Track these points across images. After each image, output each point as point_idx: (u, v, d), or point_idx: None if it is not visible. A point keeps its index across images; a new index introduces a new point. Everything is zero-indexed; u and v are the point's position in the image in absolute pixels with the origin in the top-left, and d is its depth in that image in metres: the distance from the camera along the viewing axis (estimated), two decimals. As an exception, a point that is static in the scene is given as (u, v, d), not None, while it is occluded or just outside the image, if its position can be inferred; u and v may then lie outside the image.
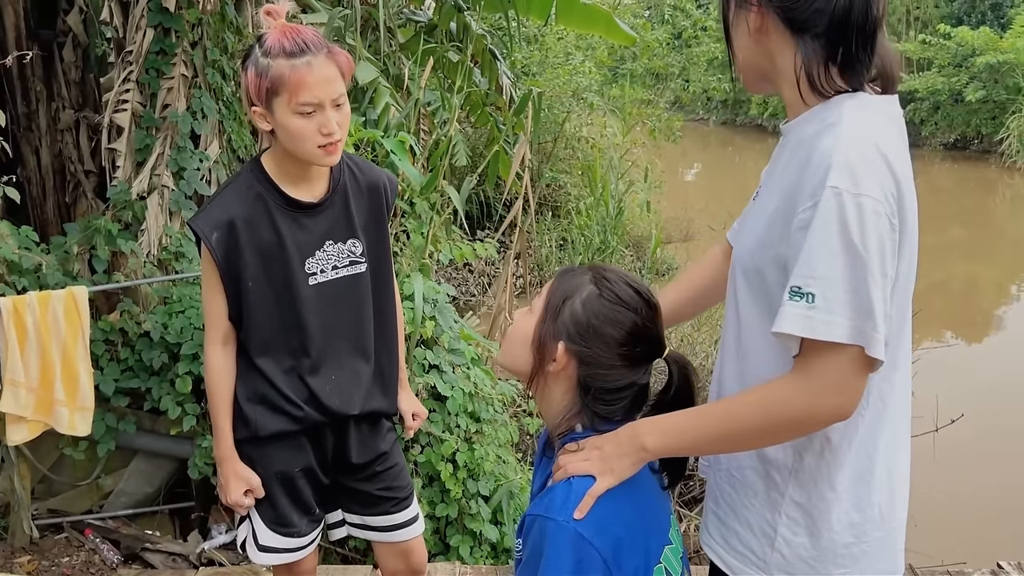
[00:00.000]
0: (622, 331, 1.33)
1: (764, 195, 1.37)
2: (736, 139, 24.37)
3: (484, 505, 2.82)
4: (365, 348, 2.01)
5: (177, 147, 3.27)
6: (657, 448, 1.30)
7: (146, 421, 3.15)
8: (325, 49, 1.75)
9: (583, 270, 1.40)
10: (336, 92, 1.76)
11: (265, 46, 1.73)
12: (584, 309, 1.33)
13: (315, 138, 1.76)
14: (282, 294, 1.90)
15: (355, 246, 1.98)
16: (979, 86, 17.66)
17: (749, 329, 1.35)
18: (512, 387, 3.28)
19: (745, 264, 1.34)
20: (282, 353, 1.93)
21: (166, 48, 3.24)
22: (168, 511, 3.33)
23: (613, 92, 9.74)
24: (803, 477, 1.33)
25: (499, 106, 4.72)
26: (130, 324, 2.97)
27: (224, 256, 1.84)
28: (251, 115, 1.80)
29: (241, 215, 1.84)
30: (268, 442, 1.96)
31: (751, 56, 1.37)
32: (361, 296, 2.00)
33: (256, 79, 1.73)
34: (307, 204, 1.90)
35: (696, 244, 8.88)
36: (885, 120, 1.29)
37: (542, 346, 1.34)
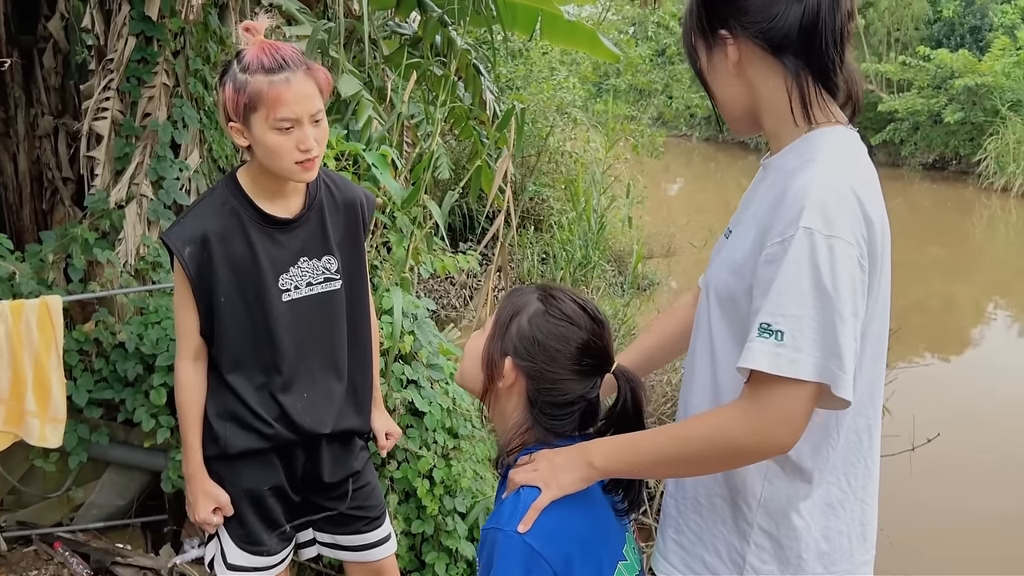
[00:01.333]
0: (568, 346, 1.35)
1: (743, 226, 1.37)
2: (719, 155, 24.54)
3: (461, 522, 2.80)
4: (338, 366, 2.00)
5: (157, 156, 3.24)
6: (604, 466, 1.31)
7: (119, 432, 3.11)
8: (304, 65, 1.75)
9: (531, 288, 1.43)
10: (314, 108, 1.76)
11: (243, 61, 1.73)
12: (530, 325, 1.36)
13: (292, 154, 1.76)
14: (255, 310, 1.89)
15: (330, 263, 1.96)
16: (957, 108, 17.90)
17: (722, 357, 1.35)
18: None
19: (720, 292, 1.35)
20: (254, 370, 1.91)
21: (148, 57, 3.22)
22: (140, 524, 3.28)
23: (597, 107, 9.79)
24: (772, 506, 1.33)
25: (483, 120, 4.73)
26: (105, 334, 2.93)
27: (196, 271, 1.83)
28: (228, 131, 1.80)
29: (215, 230, 1.83)
30: (238, 459, 1.94)
31: (735, 94, 1.36)
32: (335, 313, 1.99)
33: (234, 94, 1.73)
34: (282, 220, 1.89)
35: (677, 260, 8.92)
36: (862, 158, 1.30)
37: (491, 362, 1.37)
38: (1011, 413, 5.95)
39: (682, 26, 1.43)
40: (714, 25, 1.33)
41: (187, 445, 1.94)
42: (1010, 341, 8.37)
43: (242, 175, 1.90)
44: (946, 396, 6.18)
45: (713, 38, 1.33)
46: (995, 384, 6.66)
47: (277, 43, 1.77)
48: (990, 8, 20.40)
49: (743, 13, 1.29)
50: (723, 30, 1.31)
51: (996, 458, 5.30)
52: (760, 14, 1.28)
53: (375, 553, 2.14)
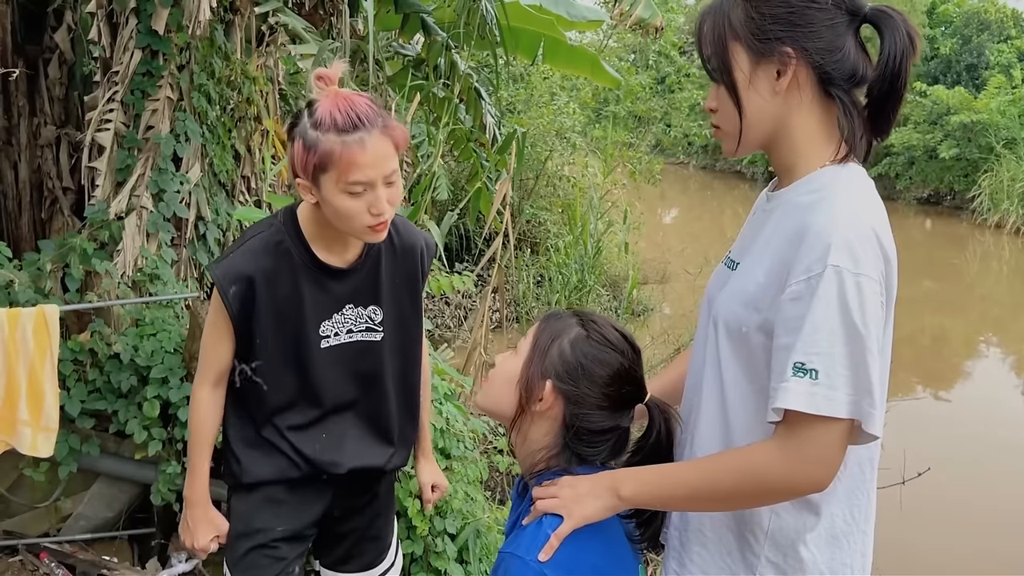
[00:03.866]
0: (609, 371, 1.35)
1: (752, 258, 1.36)
2: (715, 184, 24.67)
3: (450, 543, 2.79)
4: (376, 411, 1.96)
5: (158, 168, 3.25)
6: (632, 497, 1.30)
7: (110, 444, 3.09)
8: (380, 123, 1.62)
9: (568, 314, 1.43)
10: (389, 170, 1.65)
11: (315, 116, 1.60)
12: (572, 349, 1.35)
13: (363, 218, 1.65)
14: (291, 353, 1.83)
15: (375, 313, 1.89)
16: (953, 144, 18.07)
17: (732, 389, 1.34)
18: (483, 424, 3.26)
19: (730, 324, 1.34)
20: (284, 408, 1.88)
21: (153, 70, 3.25)
22: (127, 537, 3.26)
23: (596, 133, 9.86)
24: (779, 538, 1.33)
25: (483, 143, 4.76)
26: (100, 345, 2.93)
27: (239, 310, 1.76)
28: (296, 186, 1.69)
29: (263, 269, 1.75)
30: (255, 493, 1.91)
31: (767, 114, 1.31)
32: (374, 361, 1.92)
33: (303, 153, 1.60)
34: (335, 269, 1.81)
35: (672, 286, 8.94)
36: (875, 197, 1.30)
37: (529, 385, 1.35)
38: (1001, 449, 5.96)
39: (707, 28, 1.34)
40: (775, 40, 1.27)
41: (194, 469, 1.88)
42: (1001, 377, 8.40)
43: (304, 217, 1.78)
44: (936, 430, 6.19)
45: (767, 52, 1.28)
46: (986, 419, 6.68)
47: (352, 96, 1.62)
48: (987, 47, 20.65)
49: (812, 38, 1.26)
50: (788, 48, 1.27)
51: (985, 493, 5.31)
52: (830, 44, 1.27)
53: None
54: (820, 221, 1.22)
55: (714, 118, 1.39)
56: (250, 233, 1.81)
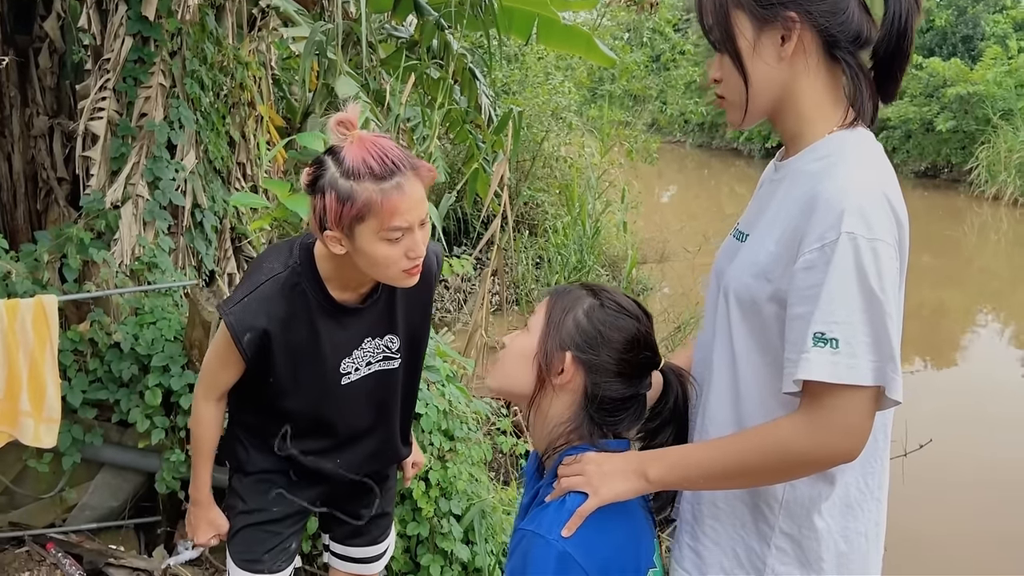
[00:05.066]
0: (626, 336, 1.35)
1: (761, 229, 1.34)
2: (712, 162, 24.61)
3: (456, 524, 2.79)
4: (386, 433, 2.00)
5: (153, 156, 3.23)
6: (659, 479, 1.29)
7: (113, 433, 3.09)
8: (410, 164, 1.57)
9: (576, 286, 1.42)
10: (424, 212, 1.61)
11: (345, 165, 1.53)
12: (588, 318, 1.35)
13: (401, 263, 1.61)
14: (309, 392, 1.82)
15: (392, 342, 1.88)
16: (949, 116, 18.00)
17: (744, 361, 1.33)
18: (487, 405, 3.26)
19: (740, 296, 1.32)
20: (299, 437, 1.89)
21: (144, 57, 3.22)
22: (133, 526, 3.26)
23: (591, 113, 9.82)
24: (794, 508, 1.32)
25: (478, 124, 4.73)
26: (100, 335, 2.92)
27: (254, 355, 1.73)
28: (323, 239, 1.62)
29: (279, 318, 1.71)
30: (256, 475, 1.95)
31: (772, 82, 1.29)
32: (390, 388, 1.93)
33: (338, 205, 1.53)
34: (352, 308, 1.78)
35: (671, 265, 8.93)
36: (885, 160, 1.28)
37: (548, 358, 1.34)
38: (1001, 419, 5.98)
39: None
40: (778, 5, 1.25)
41: (198, 473, 1.92)
42: (1000, 349, 8.41)
43: (322, 260, 1.72)
44: (938, 402, 6.21)
45: (770, 18, 1.26)
46: (985, 391, 6.69)
47: (380, 140, 1.56)
48: (982, 18, 20.53)
49: (816, 1, 1.24)
50: (792, 12, 1.25)
51: (987, 465, 5.33)
52: (834, 6, 1.25)
53: (375, 567, 2.18)
54: (831, 188, 1.20)
55: (718, 89, 1.36)
56: (265, 271, 1.72)
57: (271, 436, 1.87)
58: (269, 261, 1.75)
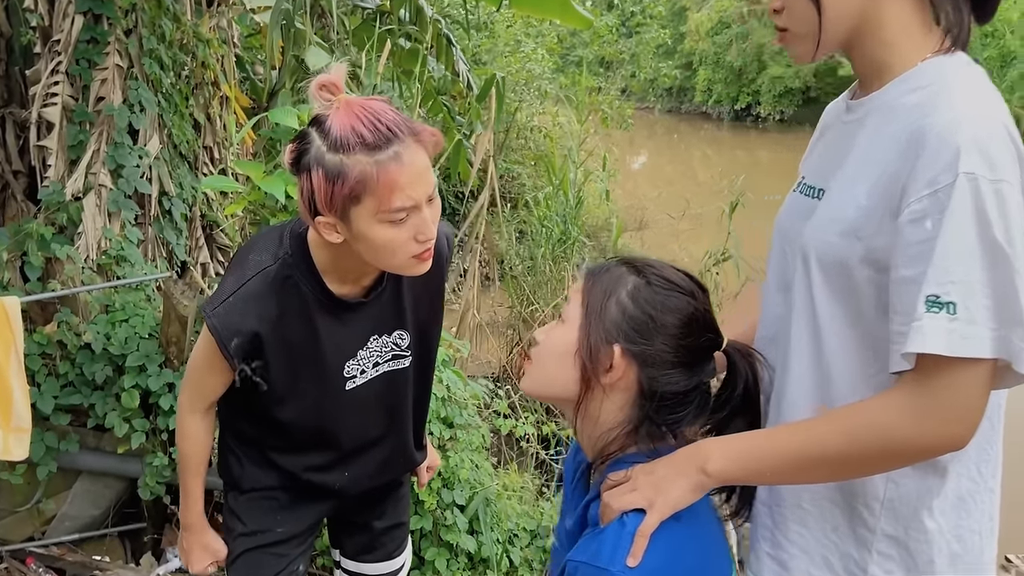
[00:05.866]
0: (681, 318, 1.15)
1: (845, 179, 1.16)
2: (681, 126, 24.51)
3: (460, 515, 2.66)
4: (399, 439, 1.78)
5: (114, 143, 3.04)
6: (721, 472, 1.11)
7: (90, 439, 2.92)
8: (408, 129, 1.33)
9: (614, 263, 1.21)
10: (431, 184, 1.37)
11: (332, 136, 1.30)
12: (635, 302, 1.15)
13: (409, 247, 1.37)
14: (309, 399, 1.60)
15: (401, 338, 1.65)
16: None
17: (831, 336, 1.15)
18: (483, 387, 3.13)
19: (825, 260, 1.14)
20: (301, 451, 1.68)
21: (97, 36, 3.01)
22: (118, 534, 3.11)
23: (563, 80, 9.66)
24: (899, 507, 1.14)
25: (454, 95, 4.55)
26: (69, 336, 2.74)
27: (242, 360, 1.51)
28: (315, 226, 1.39)
29: (270, 318, 1.48)
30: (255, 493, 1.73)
31: (852, 5, 1.13)
32: (400, 389, 1.71)
33: (326, 185, 1.31)
34: (354, 303, 1.55)
35: (651, 233, 8.82)
36: (993, 88, 1.11)
37: (593, 355, 1.14)
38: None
39: None
40: None
41: (187, 494, 1.70)
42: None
43: (316, 250, 1.49)
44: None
45: None
46: None
47: (370, 103, 1.32)
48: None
49: None
50: None
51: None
52: None
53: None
54: (940, 122, 1.02)
55: (780, 20, 1.20)
56: (252, 265, 1.49)
57: (269, 449, 1.68)
58: (256, 253, 1.51)
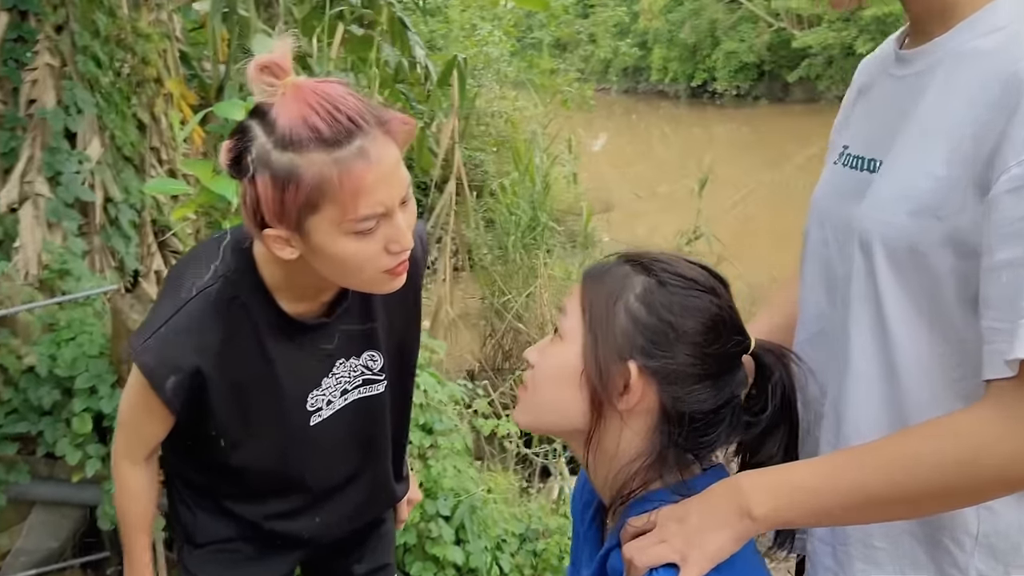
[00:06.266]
0: (704, 321, 0.95)
1: (909, 147, 0.99)
2: (639, 106, 24.49)
3: (446, 526, 2.52)
4: (377, 475, 1.55)
5: (50, 148, 2.85)
6: (771, 517, 0.91)
7: (42, 468, 2.73)
8: (374, 118, 1.10)
9: (614, 262, 1.01)
10: (405, 184, 1.14)
11: (279, 130, 1.06)
12: (647, 307, 0.95)
13: (379, 260, 1.14)
14: (268, 443, 1.37)
15: (372, 359, 1.41)
16: (868, 38, 18.18)
17: (904, 339, 0.96)
18: (461, 387, 2.98)
19: (893, 245, 0.95)
20: (262, 499, 1.45)
21: (25, 34, 2.82)
22: (80, 565, 2.92)
23: (521, 64, 9.53)
24: (996, 542, 0.96)
25: (412, 82, 4.38)
26: (10, 359, 2.54)
27: (183, 404, 1.27)
28: (263, 240, 1.14)
29: (212, 349, 1.24)
30: (210, 546, 1.50)
31: None
32: (376, 418, 1.47)
33: (275, 191, 1.07)
34: (313, 323, 1.31)
35: (618, 214, 8.73)
36: None
37: (604, 376, 0.94)
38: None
39: None
40: None
41: (131, 556, 1.45)
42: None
43: (266, 265, 1.25)
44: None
45: None
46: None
47: (323, 86, 1.08)
48: (890, -63, 20.70)
49: None
50: None
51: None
52: None
53: None
54: None
55: None
56: (187, 287, 1.24)
57: (224, 497, 1.45)
58: (191, 272, 1.26)
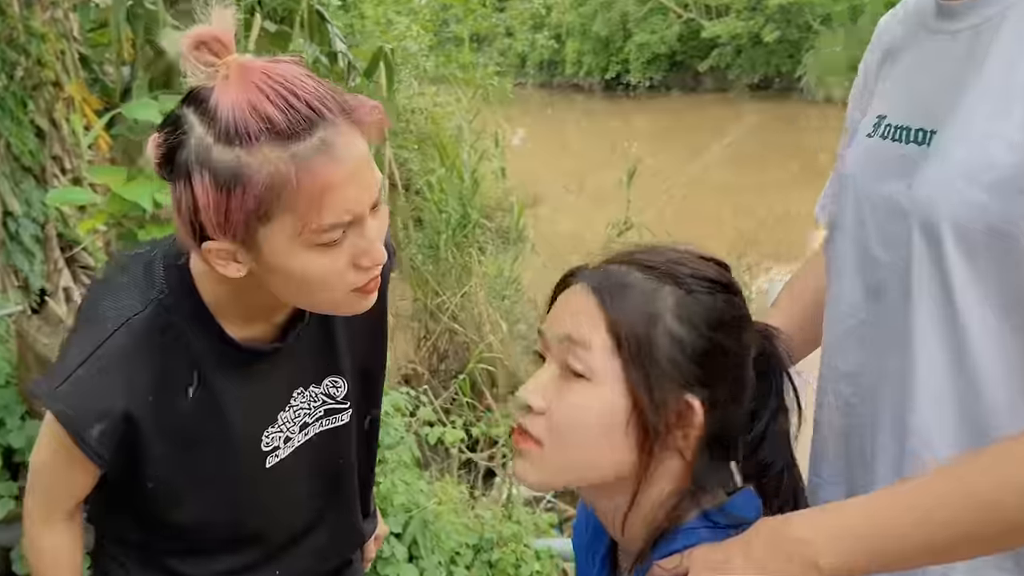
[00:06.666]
0: (740, 329, 0.85)
1: (968, 116, 0.87)
2: (555, 100, 24.58)
3: (398, 543, 2.38)
4: (343, 516, 1.35)
5: (-64, 160, 2.58)
6: (842, 567, 0.77)
7: (-54, 512, 2.48)
8: (338, 105, 0.92)
9: (624, 271, 0.85)
10: (376, 185, 0.96)
11: (221, 120, 0.88)
12: (689, 326, 0.81)
13: (346, 277, 0.96)
14: (216, 489, 1.16)
15: (335, 386, 1.21)
16: (774, 27, 18.64)
17: (979, 333, 0.85)
18: (403, 395, 2.84)
19: (966, 227, 0.84)
20: (212, 554, 1.24)
21: (-99, 34, 2.54)
22: (-6, 614, 2.68)
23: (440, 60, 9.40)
24: None
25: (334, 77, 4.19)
26: (-97, 395, 2.30)
27: (113, 455, 1.05)
28: (203, 255, 0.97)
29: (147, 386, 1.04)
30: None
31: None
32: (341, 451, 1.27)
33: (217, 195, 0.89)
34: (265, 350, 1.11)
35: (545, 209, 8.69)
36: None
37: (662, 415, 0.81)
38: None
39: None
40: None
41: None
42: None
43: (206, 283, 1.05)
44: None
45: None
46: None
47: (275, 67, 0.90)
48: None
49: None
50: None
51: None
52: None
53: None
54: None
55: None
56: (110, 316, 1.03)
57: (164, 554, 1.23)
58: (112, 297, 1.06)
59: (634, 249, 0.89)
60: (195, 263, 1.06)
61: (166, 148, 0.93)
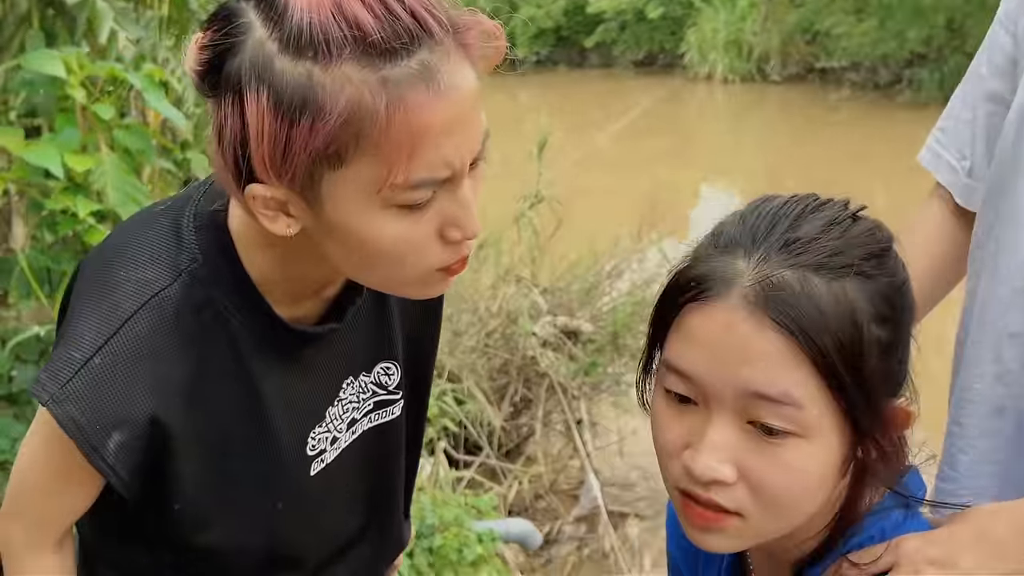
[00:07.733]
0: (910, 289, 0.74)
1: None
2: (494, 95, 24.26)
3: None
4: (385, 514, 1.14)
5: None
6: None
7: None
8: (449, 25, 0.71)
9: (788, 281, 0.67)
10: (481, 134, 0.76)
11: (292, 23, 0.67)
12: (889, 326, 0.69)
13: (429, 252, 0.76)
14: (251, 507, 0.95)
15: (387, 373, 1.00)
16: (658, 3, 18.86)
17: None
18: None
19: None
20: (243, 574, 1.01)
21: None
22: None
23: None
24: None
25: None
26: None
27: (132, 472, 0.84)
28: (244, 203, 0.76)
29: (178, 382, 0.82)
30: None
31: None
32: (390, 451, 1.07)
33: (276, 123, 0.68)
34: (314, 332, 0.91)
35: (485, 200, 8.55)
36: None
37: (886, 441, 0.70)
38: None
39: None
40: None
41: None
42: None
43: (247, 248, 0.83)
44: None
45: None
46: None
47: None
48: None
49: None
50: None
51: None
52: None
53: None
54: None
55: None
56: (128, 288, 0.81)
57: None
58: (130, 266, 0.83)
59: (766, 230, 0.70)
60: (234, 219, 0.83)
61: (212, 53, 0.70)
